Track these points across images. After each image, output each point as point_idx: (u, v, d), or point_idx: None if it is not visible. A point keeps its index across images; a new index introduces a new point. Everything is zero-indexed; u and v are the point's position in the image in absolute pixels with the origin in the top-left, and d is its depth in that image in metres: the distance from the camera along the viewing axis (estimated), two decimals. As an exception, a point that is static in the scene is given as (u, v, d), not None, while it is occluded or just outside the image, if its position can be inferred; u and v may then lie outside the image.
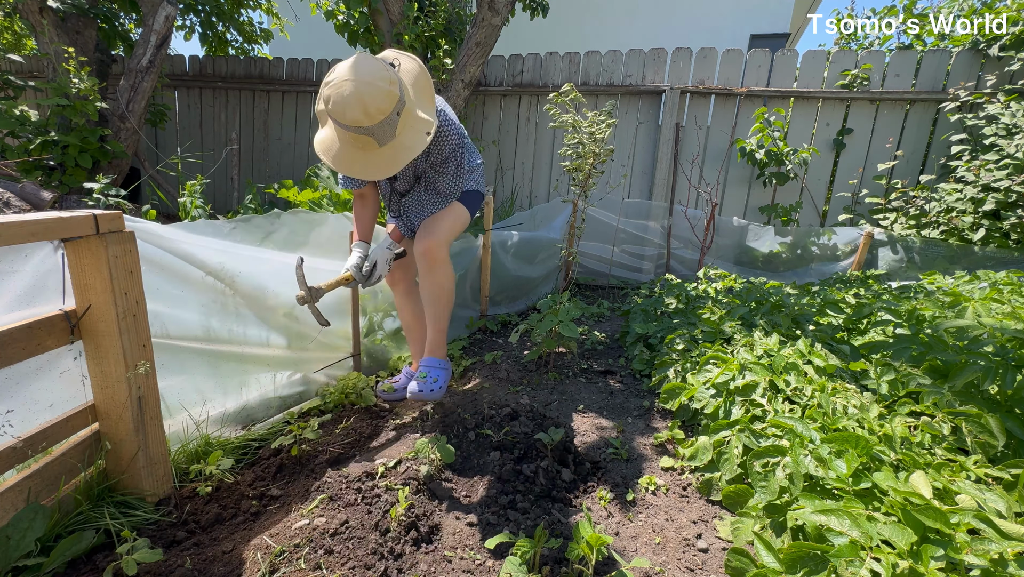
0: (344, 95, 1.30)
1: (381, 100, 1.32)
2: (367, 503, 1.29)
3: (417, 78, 1.51)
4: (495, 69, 4.76)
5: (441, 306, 1.79)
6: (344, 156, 1.43)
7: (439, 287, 1.76)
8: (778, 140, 3.91)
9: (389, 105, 1.34)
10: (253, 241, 1.81)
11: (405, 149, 1.42)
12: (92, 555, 1.10)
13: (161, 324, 1.43)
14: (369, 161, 1.42)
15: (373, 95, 1.31)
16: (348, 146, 1.42)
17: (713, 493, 1.47)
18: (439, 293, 1.77)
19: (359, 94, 1.30)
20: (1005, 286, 2.31)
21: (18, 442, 1.06)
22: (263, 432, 1.68)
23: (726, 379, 1.68)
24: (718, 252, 4.14)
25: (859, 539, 0.92)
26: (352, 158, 1.43)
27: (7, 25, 6.86)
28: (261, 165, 5.83)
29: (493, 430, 1.67)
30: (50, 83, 4.05)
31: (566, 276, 2.76)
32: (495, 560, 1.17)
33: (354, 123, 1.33)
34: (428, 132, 1.45)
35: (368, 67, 1.33)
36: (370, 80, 1.31)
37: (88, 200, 3.27)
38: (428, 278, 1.76)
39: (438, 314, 1.80)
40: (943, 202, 3.47)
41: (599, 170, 2.51)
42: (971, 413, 1.36)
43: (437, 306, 1.79)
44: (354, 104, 1.30)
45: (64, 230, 1.03)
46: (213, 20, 6.24)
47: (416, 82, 1.50)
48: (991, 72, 3.68)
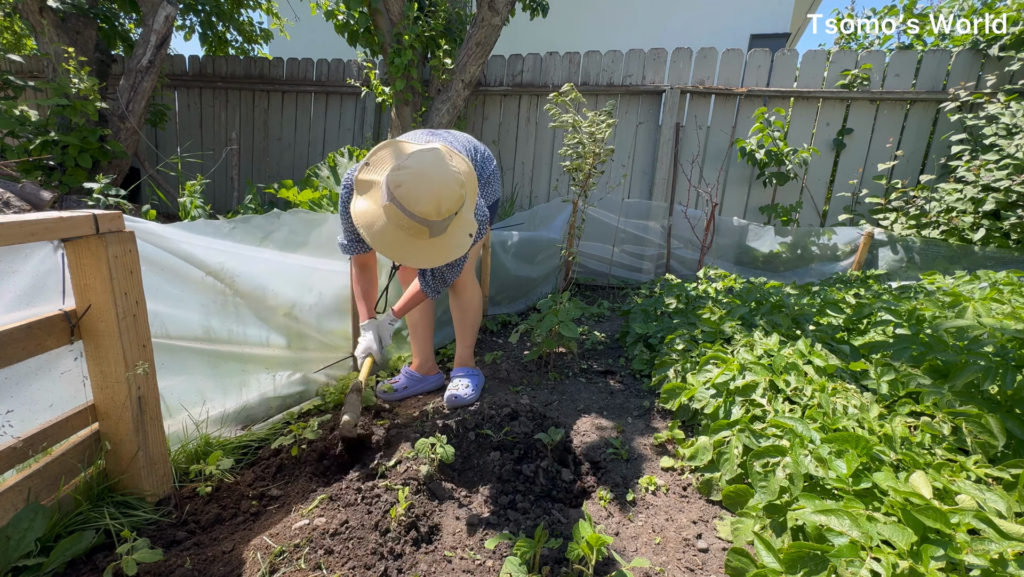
0: (421, 188, 1.32)
1: (453, 202, 1.36)
2: (367, 503, 1.29)
3: (468, 179, 1.51)
4: (495, 69, 4.76)
5: (468, 323, 2.02)
6: (389, 237, 1.40)
7: (466, 308, 1.98)
8: (778, 140, 3.91)
9: (457, 207, 1.38)
10: (253, 241, 1.81)
11: (451, 247, 1.45)
12: (92, 555, 1.10)
13: (161, 324, 1.43)
14: (414, 249, 1.42)
15: (449, 196, 1.35)
16: (397, 228, 1.39)
17: (713, 493, 1.47)
18: (466, 312, 1.99)
19: (437, 192, 1.33)
20: (1005, 286, 2.31)
21: (18, 442, 1.06)
22: (263, 432, 1.68)
23: (726, 379, 1.68)
24: (718, 252, 4.14)
25: (859, 539, 0.92)
26: (396, 240, 1.40)
27: (7, 25, 6.86)
28: (261, 165, 5.83)
29: (493, 430, 1.67)
30: (50, 83, 4.05)
31: (566, 276, 2.77)
32: (495, 560, 1.17)
33: (422, 215, 1.35)
34: (471, 233, 1.49)
35: (445, 168, 1.36)
36: (448, 182, 1.35)
37: (88, 200, 3.27)
38: (456, 300, 1.97)
39: (465, 330, 2.03)
40: (943, 202, 3.47)
41: (599, 170, 2.51)
42: (971, 413, 1.36)
43: (464, 323, 2.02)
44: (429, 199, 1.33)
45: (64, 230, 1.02)
46: (213, 20, 6.24)
47: (468, 182, 1.51)
48: (991, 72, 3.68)
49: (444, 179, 1.34)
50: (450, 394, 1.94)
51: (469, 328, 2.04)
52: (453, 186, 1.35)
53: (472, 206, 1.52)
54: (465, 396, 1.94)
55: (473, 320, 2.03)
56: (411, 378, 2.11)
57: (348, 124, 5.40)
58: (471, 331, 2.06)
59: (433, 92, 4.41)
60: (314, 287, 1.96)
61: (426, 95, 4.44)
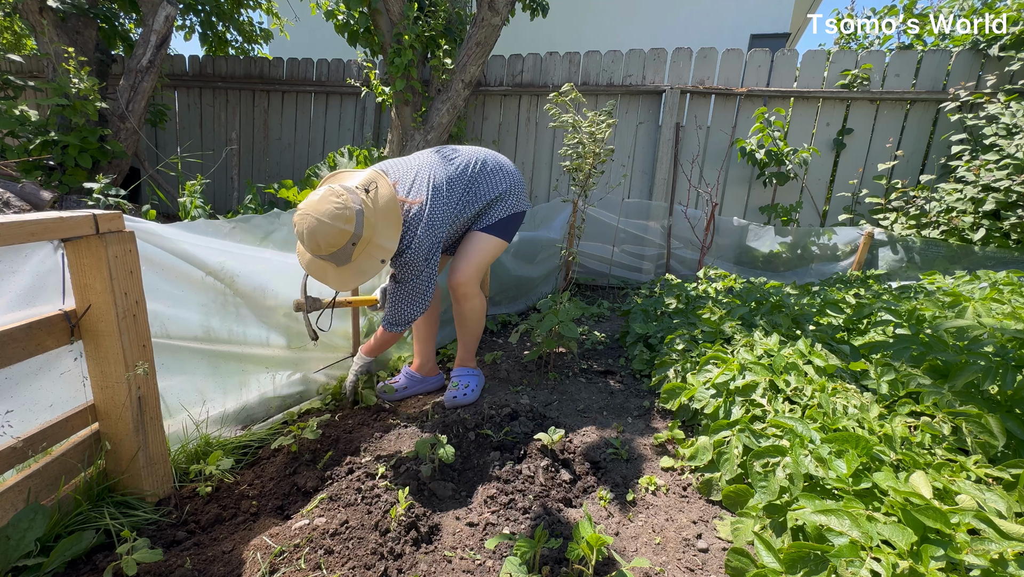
0: (303, 228, 1.49)
1: (332, 238, 1.49)
2: (367, 503, 1.29)
3: (387, 204, 1.62)
4: (495, 69, 4.76)
5: (469, 332, 2.04)
6: (312, 265, 1.62)
7: (467, 317, 2.00)
8: (778, 140, 3.91)
9: (340, 241, 1.50)
10: (253, 241, 1.81)
11: (357, 273, 1.60)
12: (92, 555, 1.10)
13: (161, 324, 1.43)
14: (327, 275, 1.61)
15: (325, 234, 1.47)
16: (314, 259, 1.60)
17: (713, 493, 1.47)
18: (467, 321, 2.01)
19: (313, 231, 1.47)
20: (1005, 286, 2.31)
21: (18, 442, 1.06)
22: (263, 432, 1.68)
23: (726, 379, 1.68)
24: (718, 252, 4.14)
25: (859, 539, 0.92)
26: (317, 267, 1.62)
27: (7, 25, 6.86)
28: (261, 165, 5.83)
29: (493, 430, 1.67)
30: (50, 83, 4.05)
31: (566, 276, 2.76)
32: (495, 560, 1.17)
33: (310, 251, 1.53)
34: (383, 260, 1.60)
35: (327, 207, 1.48)
36: (324, 220, 1.47)
37: (88, 200, 3.27)
38: (457, 308, 1.99)
39: (466, 337, 2.06)
40: (943, 202, 3.46)
41: (599, 170, 2.51)
42: (971, 413, 1.36)
43: (465, 331, 2.04)
44: (308, 237, 1.49)
45: (64, 230, 1.03)
46: (213, 20, 6.24)
47: (386, 208, 1.62)
48: (991, 72, 3.68)
49: (322, 218, 1.47)
50: (450, 394, 1.96)
51: (470, 335, 2.06)
52: (331, 224, 1.47)
53: (389, 234, 1.61)
54: (464, 397, 1.95)
55: (474, 329, 2.04)
56: (411, 378, 2.11)
57: (348, 124, 5.40)
58: (472, 338, 2.07)
59: (433, 92, 4.41)
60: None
61: (426, 95, 4.44)
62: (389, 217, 1.62)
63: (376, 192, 1.61)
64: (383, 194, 1.62)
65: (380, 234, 1.59)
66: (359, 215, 1.52)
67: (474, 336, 2.06)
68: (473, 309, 1.98)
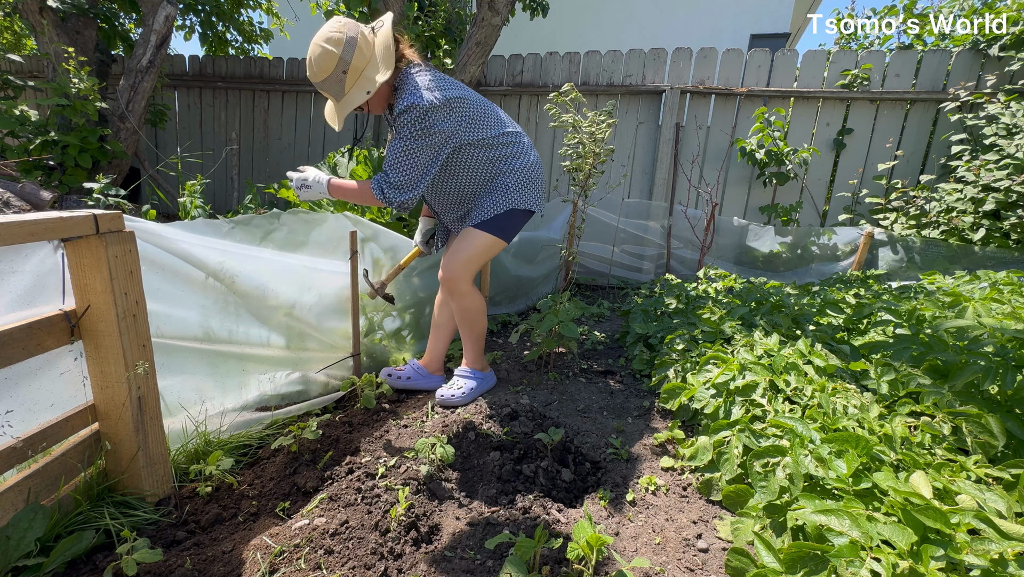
0: (308, 54, 1.60)
1: (322, 59, 1.57)
2: (367, 503, 1.29)
3: (384, 41, 1.65)
4: (495, 69, 4.76)
5: (466, 328, 2.01)
6: (328, 109, 1.76)
7: (462, 314, 1.97)
8: (778, 140, 3.91)
9: (330, 65, 1.57)
10: (253, 241, 1.81)
11: (345, 104, 1.66)
12: (92, 555, 1.10)
13: (160, 324, 1.43)
14: (331, 112, 1.73)
15: (318, 56, 1.57)
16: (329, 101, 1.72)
17: (713, 493, 1.47)
18: (463, 318, 1.99)
19: (311, 54, 1.59)
20: (1005, 286, 2.31)
21: (18, 442, 1.06)
22: (262, 432, 1.68)
23: (726, 379, 1.68)
24: (718, 252, 4.14)
25: (859, 539, 0.92)
26: (329, 110, 1.75)
27: (7, 25, 6.86)
28: (261, 165, 5.83)
29: (493, 430, 1.67)
30: (50, 83, 4.05)
31: (566, 276, 2.76)
32: (495, 560, 1.17)
33: (311, 79, 1.64)
34: (368, 91, 1.63)
35: (323, 30, 1.58)
36: (317, 41, 1.57)
37: (88, 200, 3.27)
38: (453, 304, 1.97)
39: (466, 333, 2.03)
40: (943, 202, 3.46)
41: (599, 170, 2.51)
42: (971, 413, 1.36)
43: (463, 327, 2.02)
44: (309, 65, 1.61)
45: (64, 230, 1.03)
46: (213, 20, 6.24)
47: (382, 43, 1.65)
48: (991, 72, 3.68)
49: (317, 40, 1.57)
50: (440, 392, 1.94)
51: (468, 334, 2.03)
52: (321, 45, 1.56)
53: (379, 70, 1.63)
54: (453, 397, 1.92)
55: (469, 324, 2.00)
56: (417, 372, 2.13)
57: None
58: (472, 337, 2.04)
59: (433, 92, 4.41)
60: (314, 287, 1.96)
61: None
62: (384, 53, 1.65)
63: (380, 29, 1.67)
64: (384, 31, 1.67)
65: (372, 68, 1.63)
66: (350, 41, 1.58)
67: (473, 335, 2.03)
68: (465, 308, 1.94)
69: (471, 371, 2.06)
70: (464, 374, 2.05)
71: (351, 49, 1.58)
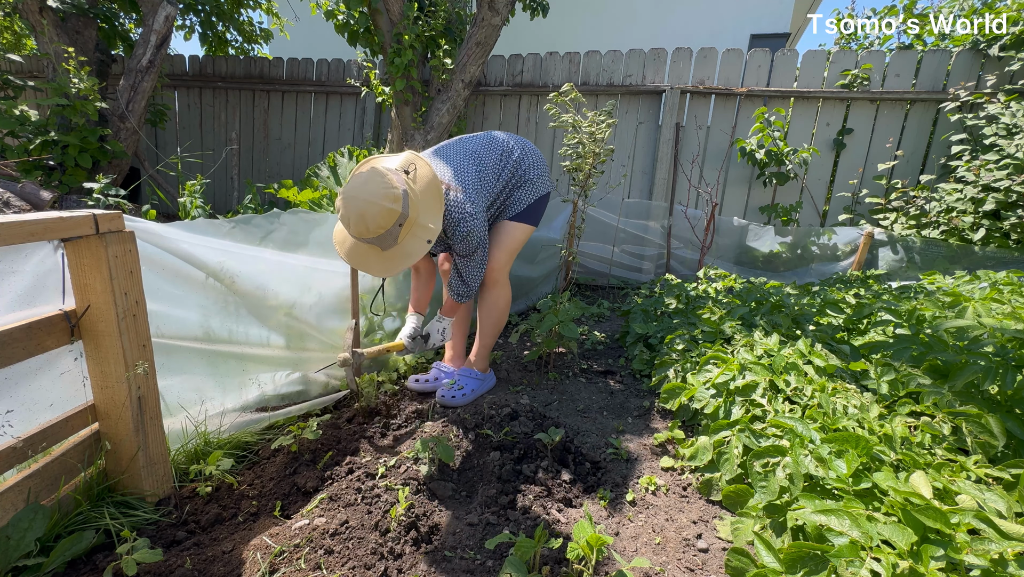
0: (350, 211, 1.46)
1: (381, 218, 1.46)
2: (367, 503, 1.29)
3: (429, 185, 1.61)
4: (495, 69, 4.76)
5: (491, 322, 2.03)
6: (354, 253, 1.61)
7: (490, 306, 2.00)
8: (778, 140, 3.91)
9: (389, 222, 1.48)
10: (253, 241, 1.81)
11: (404, 256, 1.57)
12: (92, 555, 1.10)
13: (160, 324, 1.43)
14: (372, 261, 1.59)
15: (374, 214, 1.45)
16: (356, 244, 1.60)
17: (713, 493, 1.47)
18: (491, 309, 2.01)
19: (361, 213, 1.45)
20: (1005, 286, 2.31)
21: (18, 442, 1.06)
22: (262, 432, 1.68)
23: (726, 379, 1.68)
24: (718, 252, 4.14)
25: (859, 539, 0.92)
26: (358, 255, 1.61)
27: (7, 25, 6.86)
28: (261, 165, 5.83)
29: (493, 430, 1.67)
30: (50, 83, 4.05)
31: (566, 276, 2.76)
32: (495, 560, 1.17)
33: (357, 235, 1.50)
34: (429, 240, 1.57)
35: (374, 187, 1.47)
36: (373, 200, 1.45)
37: (88, 200, 3.27)
38: (482, 296, 2.01)
39: (485, 328, 2.05)
40: (943, 202, 3.46)
41: (599, 170, 2.50)
42: (971, 413, 1.36)
43: (488, 321, 2.03)
44: (356, 220, 1.46)
45: (64, 230, 1.03)
46: (213, 20, 6.24)
47: (427, 188, 1.61)
48: (991, 72, 3.68)
49: (370, 199, 1.45)
50: (441, 393, 1.96)
51: (489, 327, 2.05)
52: (380, 203, 1.45)
53: (432, 214, 1.60)
54: (454, 399, 1.95)
55: (496, 319, 2.04)
56: (442, 372, 2.14)
57: (348, 124, 5.40)
58: (491, 330, 2.06)
59: (433, 92, 4.41)
60: (314, 287, 1.96)
61: (426, 95, 4.44)
62: (431, 197, 1.61)
63: (415, 173, 1.61)
64: (423, 174, 1.62)
65: (424, 215, 1.58)
66: (405, 195, 1.52)
67: (494, 328, 2.06)
68: (498, 297, 2.01)
69: (473, 372, 2.07)
70: (468, 374, 2.06)
71: (407, 202, 1.52)
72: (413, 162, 1.63)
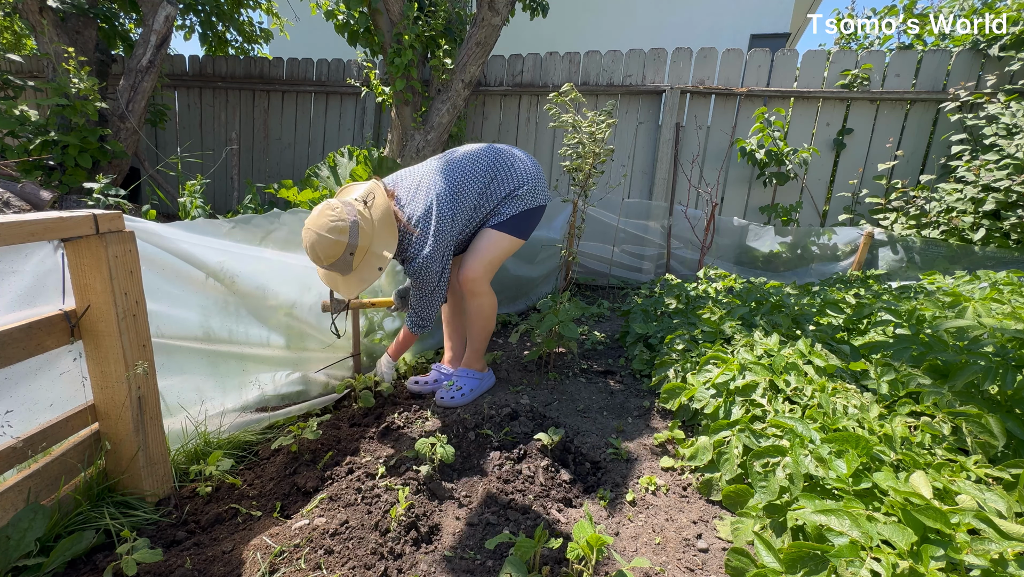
0: (304, 241, 1.62)
1: (329, 249, 1.59)
2: (367, 503, 1.29)
3: (383, 215, 1.71)
4: (495, 69, 4.76)
5: (477, 329, 2.04)
6: (323, 274, 1.75)
7: (477, 311, 2.00)
8: (778, 140, 3.91)
9: (336, 252, 1.60)
10: (253, 241, 1.81)
11: (359, 281, 1.69)
12: (92, 555, 1.10)
13: (160, 324, 1.43)
14: (336, 283, 1.72)
15: (323, 246, 1.58)
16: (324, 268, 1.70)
17: (713, 493, 1.47)
18: (475, 318, 2.02)
19: (312, 244, 1.59)
20: (1005, 286, 2.31)
21: (18, 442, 1.06)
22: (262, 432, 1.68)
23: (726, 379, 1.68)
24: (718, 252, 4.14)
25: (859, 539, 0.92)
26: (327, 276, 1.74)
27: (7, 25, 6.86)
28: (261, 165, 5.83)
29: (493, 430, 1.67)
30: (50, 83, 4.05)
31: (566, 276, 2.76)
32: (495, 560, 1.17)
33: (313, 262, 1.66)
34: (380, 268, 1.69)
35: (323, 220, 1.58)
36: (320, 232, 1.57)
37: (88, 200, 3.27)
38: (468, 305, 2.01)
39: (475, 334, 2.06)
40: (943, 202, 3.46)
41: (599, 170, 2.50)
42: (971, 413, 1.36)
43: (474, 328, 2.04)
44: (309, 250, 1.61)
45: (64, 230, 1.03)
46: (213, 20, 6.24)
47: (382, 219, 1.71)
48: (991, 72, 3.68)
49: (319, 231, 1.57)
50: (439, 394, 1.97)
51: (477, 332, 2.05)
52: (326, 236, 1.57)
53: (385, 244, 1.70)
54: (452, 399, 1.96)
55: (482, 326, 2.04)
56: (442, 373, 2.15)
57: (348, 124, 5.40)
58: (478, 336, 2.06)
59: (433, 92, 4.41)
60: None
61: (426, 95, 4.44)
62: (385, 226, 1.71)
63: (373, 202, 1.70)
64: (379, 204, 1.71)
65: (377, 243, 1.68)
66: (353, 226, 1.61)
67: (481, 334, 2.06)
68: (480, 306, 1.99)
69: (471, 372, 2.07)
70: (465, 375, 2.05)
71: (355, 233, 1.61)
72: (373, 191, 1.74)
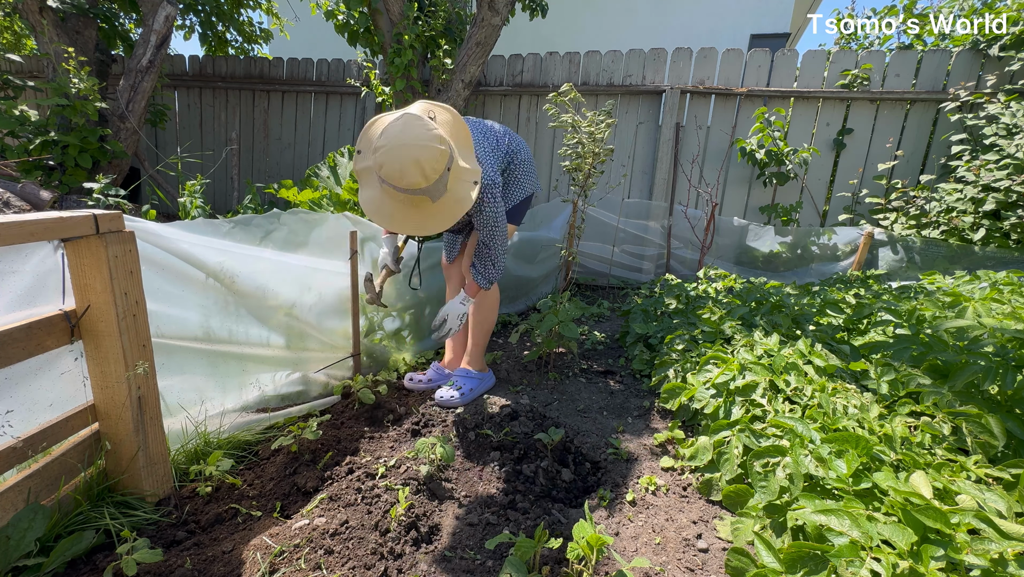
0: (403, 161, 1.32)
1: (437, 161, 1.34)
2: (367, 503, 1.29)
3: (454, 128, 1.51)
4: (495, 69, 4.76)
5: (480, 321, 2.02)
6: (398, 216, 1.44)
7: (480, 303, 1.98)
8: (778, 140, 3.91)
9: (443, 164, 1.36)
10: (252, 241, 1.81)
11: (457, 202, 1.44)
12: (92, 555, 1.10)
13: (160, 324, 1.43)
14: (425, 218, 1.44)
15: (430, 158, 1.33)
16: (402, 205, 1.43)
17: (713, 493, 1.47)
18: (479, 308, 1.99)
19: (417, 159, 1.32)
20: (1005, 286, 2.31)
21: (18, 442, 1.06)
22: (262, 432, 1.68)
23: (726, 379, 1.68)
24: (718, 252, 4.14)
25: (859, 539, 0.92)
26: (406, 216, 1.44)
27: (7, 25, 6.86)
28: (261, 165, 5.83)
29: (493, 430, 1.67)
30: (50, 83, 4.05)
31: (566, 276, 2.76)
32: (495, 560, 1.17)
33: (412, 186, 1.35)
34: (475, 181, 1.46)
35: (418, 130, 1.35)
36: (424, 143, 1.33)
37: (88, 200, 3.27)
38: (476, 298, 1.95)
39: (478, 328, 2.04)
40: (943, 202, 3.46)
41: (599, 170, 2.50)
42: (971, 413, 1.36)
43: (477, 320, 2.02)
44: (413, 169, 1.32)
45: (64, 230, 1.02)
46: (213, 20, 6.24)
47: (454, 132, 1.50)
48: (991, 72, 3.68)
49: (420, 142, 1.32)
50: (440, 393, 1.96)
51: (478, 326, 2.04)
52: (432, 145, 1.33)
53: (466, 155, 1.49)
54: (453, 399, 1.95)
55: (484, 318, 2.02)
56: (439, 373, 2.14)
57: (348, 124, 5.40)
58: (480, 330, 2.05)
59: (433, 92, 4.41)
60: (314, 287, 1.96)
61: (426, 95, 4.44)
62: (459, 136, 1.51)
63: (437, 119, 1.49)
64: (444, 120, 1.50)
65: (460, 155, 1.48)
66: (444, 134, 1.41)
67: (483, 327, 2.05)
68: (487, 295, 1.99)
69: (471, 371, 2.07)
70: (465, 374, 2.05)
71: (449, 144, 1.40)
72: (431, 109, 1.51)
